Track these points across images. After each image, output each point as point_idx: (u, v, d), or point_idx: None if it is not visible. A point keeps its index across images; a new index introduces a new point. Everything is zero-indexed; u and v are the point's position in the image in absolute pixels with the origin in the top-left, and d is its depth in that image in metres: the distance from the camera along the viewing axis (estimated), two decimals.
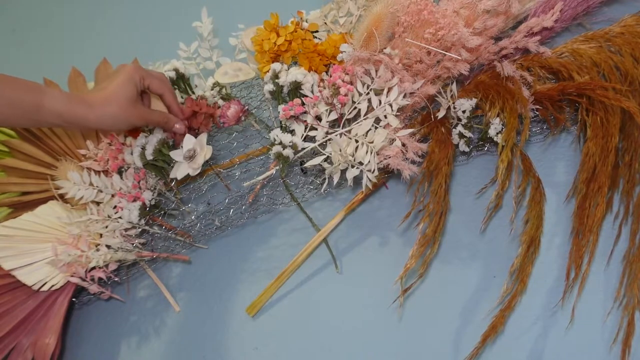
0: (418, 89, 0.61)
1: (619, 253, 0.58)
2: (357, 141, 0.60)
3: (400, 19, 0.60)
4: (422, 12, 0.58)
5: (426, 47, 0.59)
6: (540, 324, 0.58)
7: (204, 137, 0.63)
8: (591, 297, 0.57)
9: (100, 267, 0.65)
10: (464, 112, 0.62)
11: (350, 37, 0.65)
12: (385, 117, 0.60)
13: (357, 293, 0.64)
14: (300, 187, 0.67)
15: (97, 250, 0.64)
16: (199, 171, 0.62)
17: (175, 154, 0.63)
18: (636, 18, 0.64)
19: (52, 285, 0.64)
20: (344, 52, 0.63)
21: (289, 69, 0.65)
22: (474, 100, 0.63)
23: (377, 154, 0.60)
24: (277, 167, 0.63)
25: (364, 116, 0.61)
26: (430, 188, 0.60)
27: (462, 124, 0.62)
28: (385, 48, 0.61)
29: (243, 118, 0.68)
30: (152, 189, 0.66)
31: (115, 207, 0.65)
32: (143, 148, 0.63)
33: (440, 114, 0.63)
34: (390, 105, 0.60)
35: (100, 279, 0.65)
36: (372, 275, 0.64)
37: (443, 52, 0.59)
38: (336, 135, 0.60)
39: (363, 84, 0.61)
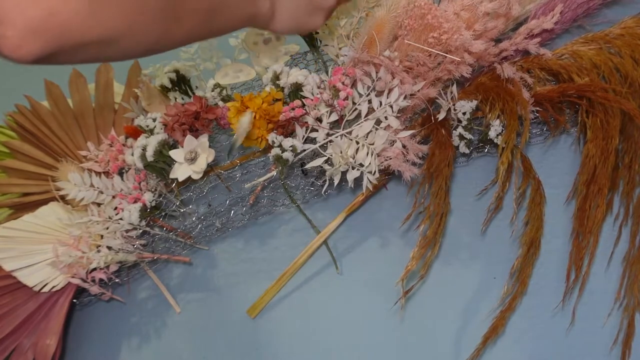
0: (419, 90, 0.61)
1: (619, 254, 0.58)
2: (357, 142, 0.60)
3: (403, 23, 0.60)
4: (426, 16, 0.58)
5: (430, 50, 0.59)
6: (540, 325, 0.58)
7: (205, 139, 0.62)
8: (591, 298, 0.58)
9: (101, 268, 0.65)
10: (464, 113, 0.62)
11: (352, 39, 0.65)
12: (386, 118, 0.60)
13: (357, 295, 0.64)
14: (301, 189, 0.67)
15: (98, 251, 0.64)
16: (201, 175, 0.62)
17: (175, 154, 0.63)
18: (636, 20, 0.64)
19: (53, 287, 0.64)
20: (345, 55, 0.63)
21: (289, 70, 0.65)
22: (474, 102, 0.63)
23: (378, 156, 0.60)
24: (278, 169, 0.63)
25: (365, 117, 0.61)
26: (431, 190, 0.61)
27: (462, 126, 0.62)
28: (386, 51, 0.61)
29: None
30: (152, 190, 0.66)
31: (116, 208, 0.65)
32: (144, 149, 0.63)
33: (441, 116, 0.63)
34: (391, 106, 0.60)
35: (101, 280, 0.65)
36: (372, 277, 0.64)
37: (447, 55, 0.59)
38: (337, 137, 0.60)
39: (364, 85, 0.61)
